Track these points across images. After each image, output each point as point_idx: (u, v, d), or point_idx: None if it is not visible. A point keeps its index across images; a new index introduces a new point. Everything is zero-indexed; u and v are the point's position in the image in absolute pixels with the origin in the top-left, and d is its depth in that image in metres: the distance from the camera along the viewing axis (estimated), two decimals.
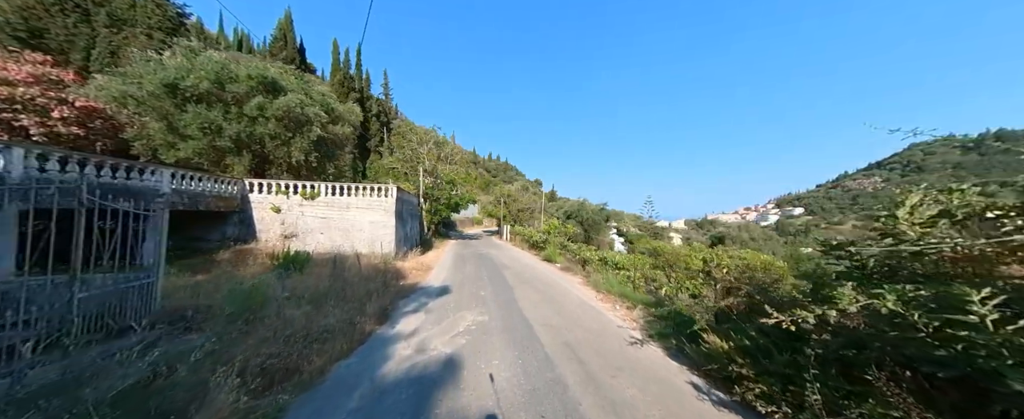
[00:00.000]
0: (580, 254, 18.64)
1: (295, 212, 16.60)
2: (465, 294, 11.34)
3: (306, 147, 17.14)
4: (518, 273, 16.06)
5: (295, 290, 8.71)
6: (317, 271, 12.03)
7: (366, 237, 17.65)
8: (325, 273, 11.55)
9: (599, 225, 42.18)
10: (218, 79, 14.65)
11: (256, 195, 16.03)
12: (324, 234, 17.02)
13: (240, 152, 16.05)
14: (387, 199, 18.16)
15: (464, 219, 69.39)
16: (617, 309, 9.63)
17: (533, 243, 29.47)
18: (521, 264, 19.54)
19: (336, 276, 10.88)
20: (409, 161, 37.30)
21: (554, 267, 18.81)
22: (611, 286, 11.83)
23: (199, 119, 13.93)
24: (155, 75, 13.51)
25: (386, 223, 18.05)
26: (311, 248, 16.55)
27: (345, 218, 17.40)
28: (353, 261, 13.15)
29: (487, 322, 8.10)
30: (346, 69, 54.30)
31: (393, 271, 14.17)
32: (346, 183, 17.60)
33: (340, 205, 17.33)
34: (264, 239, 15.95)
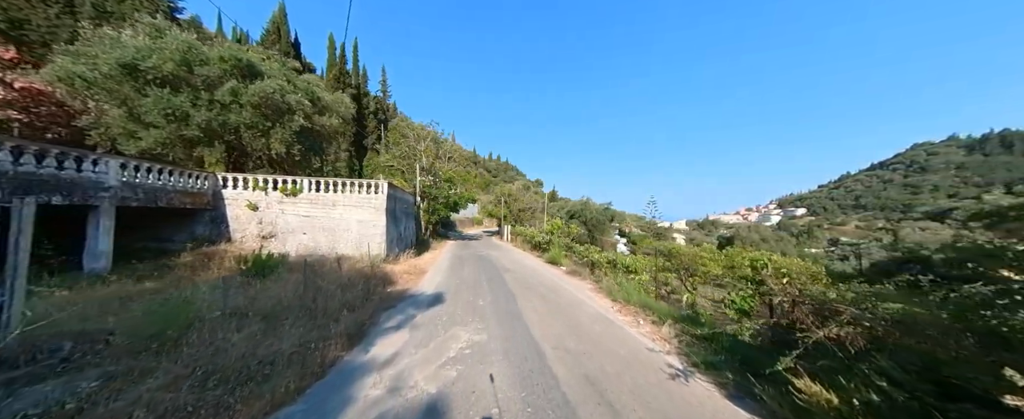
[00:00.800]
0: (588, 256, 17.08)
1: (274, 210, 15.02)
2: (460, 304, 9.77)
3: (288, 138, 15.56)
4: (521, 277, 14.49)
5: (251, 304, 7.12)
6: (293, 277, 10.46)
7: (354, 238, 16.07)
8: (299, 279, 9.99)
9: (603, 225, 40.59)
10: (185, 60, 13.08)
11: (230, 191, 14.45)
12: (307, 234, 15.44)
13: (212, 143, 14.46)
14: (377, 196, 16.59)
15: (464, 219, 67.82)
16: (641, 324, 8.04)
17: (536, 244, 27.88)
18: (524, 267, 17.96)
19: (309, 283, 9.30)
20: (406, 158, 35.73)
21: (559, 270, 17.23)
22: (629, 295, 10.24)
23: (161, 104, 12.35)
24: (111, 54, 11.94)
25: (376, 222, 16.47)
26: (292, 250, 14.97)
27: (330, 217, 15.82)
28: (333, 265, 11.57)
29: (485, 343, 6.52)
30: (342, 64, 52.75)
31: (380, 276, 12.60)
32: (332, 178, 16.02)
33: (325, 202, 15.76)
34: (239, 240, 14.37)
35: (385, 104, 69.89)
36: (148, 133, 12.69)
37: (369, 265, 13.57)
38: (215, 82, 13.84)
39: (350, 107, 20.83)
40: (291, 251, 14.97)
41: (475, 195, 37.97)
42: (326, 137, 19.18)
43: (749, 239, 39.18)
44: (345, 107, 19.96)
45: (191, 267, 10.54)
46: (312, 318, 7.18)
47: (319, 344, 5.77)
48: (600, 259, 17.07)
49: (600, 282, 13.42)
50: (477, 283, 13.07)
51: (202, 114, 13.18)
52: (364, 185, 16.53)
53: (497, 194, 50.63)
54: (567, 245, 21.55)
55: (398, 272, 14.39)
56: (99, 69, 11.82)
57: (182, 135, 13.31)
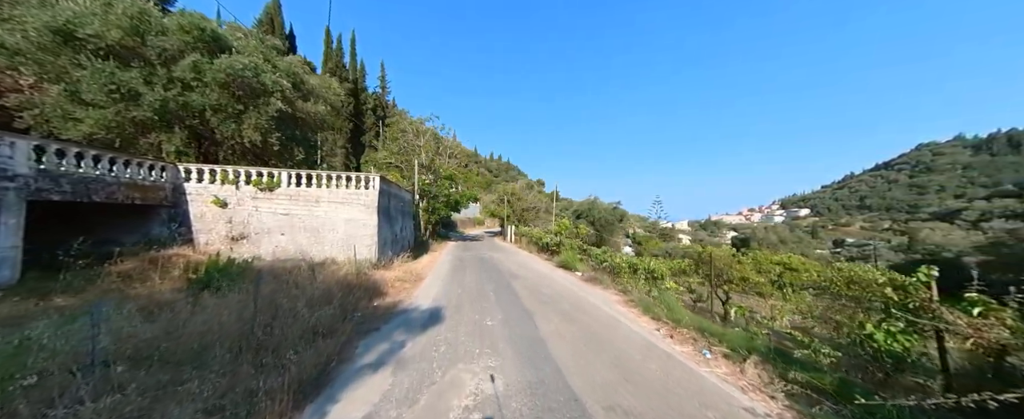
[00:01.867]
0: (609, 260, 14.98)
1: (247, 207, 12.93)
2: (464, 325, 7.69)
3: (263, 124, 13.49)
4: (533, 286, 12.40)
5: (164, 337, 5.01)
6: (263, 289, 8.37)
7: (340, 238, 13.99)
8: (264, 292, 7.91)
9: (612, 225, 38.49)
10: (136, 29, 11.03)
11: (194, 185, 12.37)
12: (286, 235, 13.35)
13: (171, 128, 12.37)
14: (368, 192, 14.50)
15: (465, 219, 65.74)
16: (711, 359, 5.94)
17: (543, 246, 25.77)
18: (534, 272, 15.87)
19: (267, 300, 7.21)
20: (404, 154, 33.64)
21: (575, 277, 15.14)
22: (674, 312, 8.15)
23: (102, 79, 10.27)
24: (40, 17, 9.88)
25: (366, 221, 14.39)
26: (267, 253, 12.89)
27: (313, 215, 13.74)
28: (306, 273, 9.50)
29: (502, 397, 4.44)
30: (338, 57, 50.70)
31: (367, 286, 10.51)
32: (315, 171, 13.93)
33: (307, 198, 13.67)
34: (204, 242, 12.28)
35: (384, 100, 67.84)
36: (87, 114, 10.62)
37: (355, 271, 11.48)
38: (174, 56, 11.79)
39: (339, 94, 18.76)
40: (266, 254, 12.88)
41: (477, 194, 35.91)
42: (312, 126, 17.11)
43: (766, 240, 37.03)
44: (334, 93, 17.89)
45: (127, 277, 8.44)
46: (257, 356, 5.10)
47: (244, 409, 3.68)
48: (621, 264, 14.99)
49: (628, 293, 11.33)
50: (482, 294, 10.98)
51: (156, 93, 11.11)
52: (353, 179, 14.44)
53: (500, 193, 48.57)
54: (580, 247, 19.44)
55: (390, 280, 12.31)
56: (28, 35, 9.79)
57: (132, 117, 11.23)
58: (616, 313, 8.97)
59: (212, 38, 12.69)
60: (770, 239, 36.77)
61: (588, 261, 17.16)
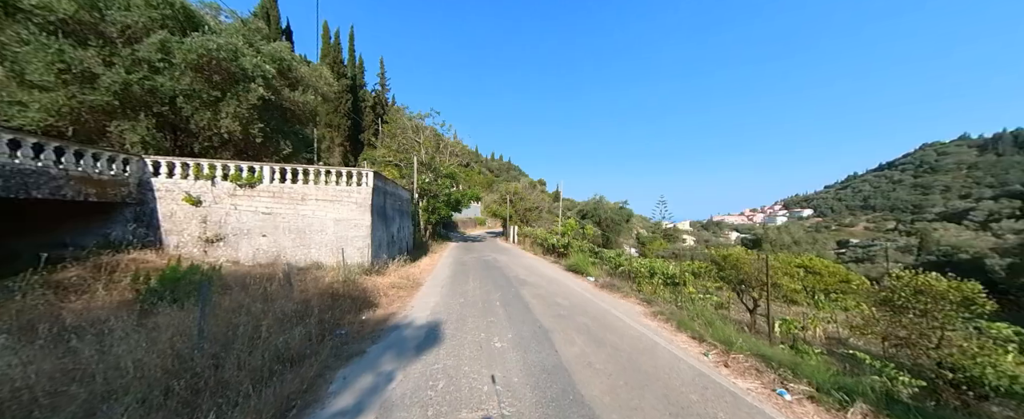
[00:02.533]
0: (625, 264, 13.61)
1: (224, 205, 11.58)
2: (467, 347, 6.33)
3: (243, 113, 12.13)
4: (545, 294, 11.04)
5: (64, 378, 3.66)
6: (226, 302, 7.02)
7: (329, 240, 12.64)
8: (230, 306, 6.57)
9: (619, 225, 37.09)
10: (93, 2, 9.68)
11: (164, 180, 11.02)
12: (268, 237, 12.00)
13: (136, 115, 11.01)
14: (361, 189, 13.15)
15: (466, 220, 64.39)
16: (793, 402, 4.55)
17: (549, 247, 24.41)
18: (543, 277, 14.51)
19: (230, 317, 5.86)
20: (403, 152, 32.29)
21: (588, 283, 13.77)
22: (720, 332, 6.77)
23: (48, 56, 8.94)
24: None
25: (358, 221, 13.03)
26: (246, 256, 11.54)
27: (300, 214, 12.38)
28: (281, 282, 8.16)
29: None
30: (336, 53, 49.37)
31: (355, 295, 9.16)
32: (301, 165, 12.57)
33: (292, 196, 12.32)
34: (174, 244, 10.93)
35: (383, 98, 66.51)
36: (33, 97, 9.28)
37: (343, 278, 10.11)
38: (139, 33, 10.47)
39: (332, 84, 17.40)
40: (245, 258, 11.54)
41: (479, 193, 34.57)
42: (301, 117, 15.73)
43: (779, 241, 35.58)
44: (325, 82, 16.52)
45: (63, 288, 7.07)
46: (193, 400, 3.75)
47: None
48: (639, 268, 13.62)
49: (653, 303, 9.95)
50: (488, 305, 9.62)
51: (116, 75, 9.76)
52: (344, 175, 13.08)
53: (502, 192, 47.21)
54: (592, 249, 18.06)
55: (383, 287, 10.95)
56: None
57: (88, 103, 9.89)
58: (646, 329, 7.59)
59: (184, 15, 11.35)
60: (783, 240, 35.33)
61: (601, 265, 15.78)
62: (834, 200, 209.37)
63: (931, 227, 68.09)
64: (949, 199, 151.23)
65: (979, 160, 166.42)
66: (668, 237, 57.10)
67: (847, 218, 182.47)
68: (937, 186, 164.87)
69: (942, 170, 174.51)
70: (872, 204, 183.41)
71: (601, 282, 13.07)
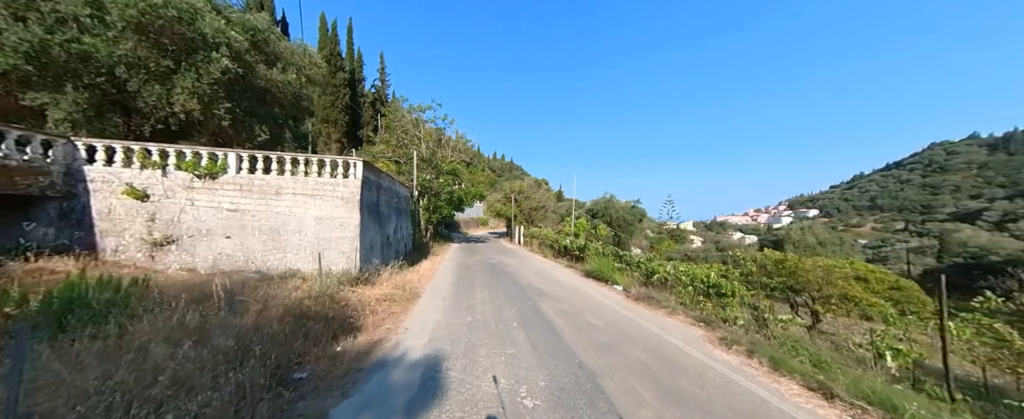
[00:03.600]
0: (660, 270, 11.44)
1: (178, 200, 9.48)
2: (483, 402, 4.21)
3: (203, 89, 10.03)
4: (572, 311, 8.91)
5: None
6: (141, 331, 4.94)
7: (309, 243, 10.53)
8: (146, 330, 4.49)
9: (632, 226, 34.89)
10: None
11: (100, 168, 8.94)
12: (233, 238, 9.90)
13: (59, 86, 8.88)
14: (347, 181, 11.04)
15: (468, 220, 62.31)
16: None
17: (561, 249, 22.26)
18: (562, 286, 12.39)
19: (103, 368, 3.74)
20: (403, 147, 30.20)
21: (616, 293, 11.65)
22: (877, 394, 4.59)
23: None
24: None
25: (344, 220, 10.93)
26: (205, 262, 9.45)
27: (273, 212, 10.28)
28: (219, 302, 6.04)
29: None
30: (333, 45, 47.29)
31: (331, 315, 7.04)
32: (276, 153, 10.47)
33: (264, 189, 10.22)
34: (112, 248, 8.85)
35: (383, 94, 64.44)
36: None
37: (319, 291, 7.99)
38: None
39: (320, 64, 15.30)
40: (203, 264, 9.44)
41: (482, 190, 32.51)
42: (281, 100, 13.61)
43: (803, 242, 33.26)
44: (310, 61, 14.38)
45: None
46: None
47: None
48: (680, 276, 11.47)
49: (711, 325, 7.80)
50: (503, 326, 7.50)
51: (28, 33, 7.69)
52: (327, 164, 10.98)
53: (506, 191, 45.06)
54: (614, 252, 15.90)
55: (372, 300, 8.85)
56: None
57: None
58: (730, 370, 5.44)
59: None
60: (806, 241, 33.04)
61: (628, 271, 13.62)
62: (840, 200, 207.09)
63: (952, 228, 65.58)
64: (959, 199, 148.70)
65: (990, 159, 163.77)
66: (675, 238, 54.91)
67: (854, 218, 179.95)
68: (947, 186, 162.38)
69: (952, 170, 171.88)
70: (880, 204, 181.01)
71: (635, 294, 10.90)
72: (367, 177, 12.04)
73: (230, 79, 10.57)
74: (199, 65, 9.85)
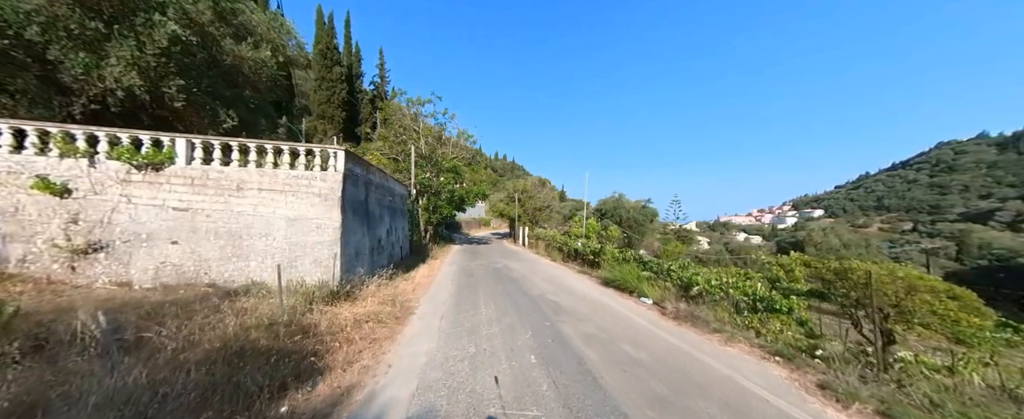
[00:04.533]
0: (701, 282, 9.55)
1: (110, 196, 7.63)
2: None
3: (147, 61, 8.17)
4: (601, 335, 7.02)
5: None
6: None
7: (279, 249, 8.66)
8: None
9: (644, 226, 32.97)
10: None
11: (4, 155, 7.09)
12: (182, 244, 8.04)
13: None
14: (326, 175, 9.18)
15: (470, 220, 60.52)
16: None
17: (571, 252, 20.39)
18: (581, 298, 10.51)
19: None
20: (400, 140, 28.37)
21: (645, 308, 9.77)
22: None
23: None
24: None
25: (322, 221, 9.06)
26: (145, 274, 7.59)
27: (233, 211, 8.42)
28: (102, 343, 4.16)
29: None
30: (330, 39, 45.46)
31: (286, 352, 5.17)
32: (236, 140, 8.59)
33: (222, 184, 8.36)
34: (20, 257, 7.00)
35: (383, 91, 62.62)
36: None
37: (271, 317, 6.11)
38: None
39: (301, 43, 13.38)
40: (142, 277, 7.58)
41: (485, 189, 30.71)
42: (255, 82, 11.73)
43: (826, 243, 31.31)
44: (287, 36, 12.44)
45: None
46: None
47: None
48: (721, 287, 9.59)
49: (794, 362, 5.90)
50: (518, 364, 5.61)
51: None
52: (301, 153, 9.11)
53: (509, 191, 43.23)
54: (638, 258, 13.98)
55: (349, 323, 6.99)
56: None
57: None
58: None
59: None
60: (829, 242, 31.10)
61: (656, 281, 11.71)
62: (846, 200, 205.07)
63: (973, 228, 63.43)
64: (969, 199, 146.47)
65: (999, 159, 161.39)
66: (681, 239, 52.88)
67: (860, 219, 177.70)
68: (955, 186, 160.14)
69: (960, 169, 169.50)
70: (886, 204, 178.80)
71: (671, 310, 8.99)
72: (351, 170, 10.17)
73: (186, 52, 8.71)
74: (140, 30, 8.02)
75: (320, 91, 44.51)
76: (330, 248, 9.07)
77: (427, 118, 28.67)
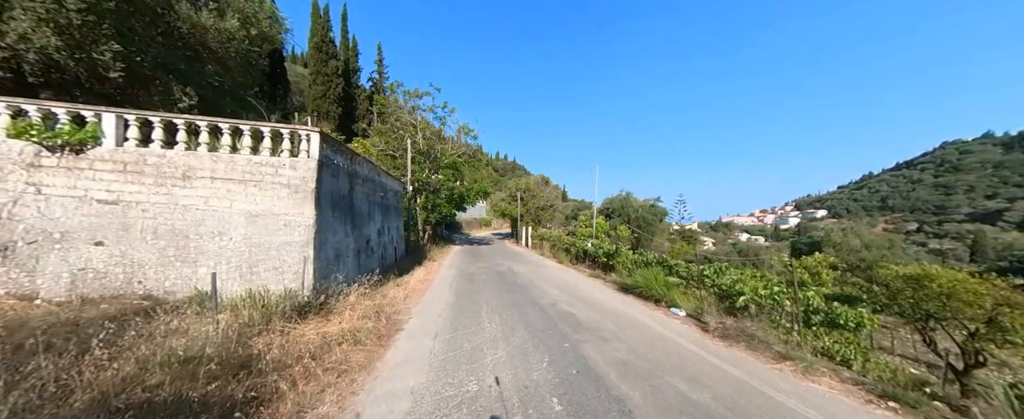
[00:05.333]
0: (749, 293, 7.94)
1: (12, 186, 6.04)
2: None
3: (68, 18, 6.56)
4: (645, 368, 5.40)
5: None
6: None
7: (236, 251, 7.06)
8: None
9: (653, 226, 31.35)
10: None
11: None
12: (109, 245, 6.44)
13: None
14: (297, 162, 7.58)
15: (470, 220, 58.95)
16: None
17: (579, 254, 18.78)
18: (602, 310, 8.88)
19: None
20: (396, 134, 26.80)
21: (678, 320, 8.17)
22: None
23: None
24: None
25: (292, 218, 7.45)
26: (58, 285, 5.98)
27: (178, 204, 6.82)
28: None
29: None
30: (325, 31, 43.85)
31: (207, 403, 3.54)
32: (182, 116, 6.99)
33: (163, 170, 6.76)
34: None
35: (381, 86, 61.00)
36: None
37: (179, 355, 4.50)
38: None
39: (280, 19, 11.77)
40: (51, 287, 5.97)
41: (486, 187, 29.14)
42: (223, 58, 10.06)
43: (846, 244, 29.64)
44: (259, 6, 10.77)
45: None
46: None
47: None
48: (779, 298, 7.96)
49: (902, 402, 4.28)
50: (537, 411, 3.98)
51: None
52: (266, 135, 7.51)
53: (511, 189, 41.64)
54: (662, 261, 12.35)
55: (313, 348, 5.39)
56: None
57: None
58: None
59: None
60: (850, 243, 29.45)
61: (686, 288, 10.09)
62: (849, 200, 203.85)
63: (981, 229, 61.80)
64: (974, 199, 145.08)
65: (1006, 158, 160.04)
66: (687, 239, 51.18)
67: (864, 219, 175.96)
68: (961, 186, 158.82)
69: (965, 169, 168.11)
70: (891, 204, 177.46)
71: (715, 327, 7.36)
72: (329, 158, 8.56)
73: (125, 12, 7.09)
74: None
75: (315, 85, 42.89)
76: (301, 250, 7.45)
77: (425, 112, 27.10)
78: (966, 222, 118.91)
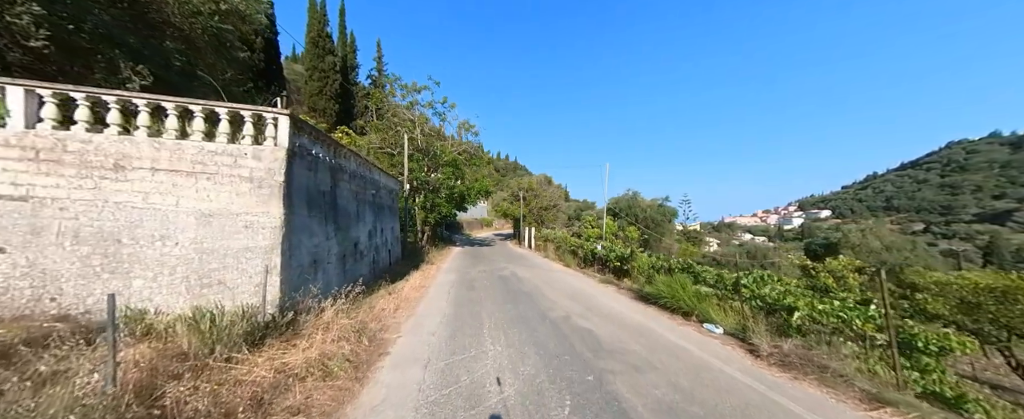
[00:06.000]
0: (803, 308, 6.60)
1: None
2: None
3: None
4: (697, 415, 4.05)
5: None
6: None
7: (183, 258, 5.74)
8: None
9: (662, 227, 29.98)
10: None
11: None
12: (12, 252, 5.14)
13: None
14: (262, 150, 6.26)
15: (471, 220, 57.59)
16: None
17: (587, 256, 17.41)
18: (624, 328, 7.53)
19: None
20: (393, 131, 25.50)
21: (717, 341, 6.85)
22: None
23: None
24: None
25: (255, 219, 6.12)
26: None
27: (109, 201, 5.50)
28: None
29: None
30: (322, 26, 42.57)
31: None
32: (114, 92, 5.67)
33: (89, 159, 5.45)
34: None
35: (381, 83, 59.76)
36: None
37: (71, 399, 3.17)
38: None
39: None
40: None
41: (488, 186, 27.85)
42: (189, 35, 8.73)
43: (864, 246, 28.22)
44: None
45: None
46: None
47: None
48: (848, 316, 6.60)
49: None
50: None
51: None
52: (223, 118, 6.18)
53: (513, 189, 40.30)
54: (686, 267, 10.99)
55: (260, 387, 4.04)
56: None
57: None
58: None
59: None
60: (869, 244, 28.06)
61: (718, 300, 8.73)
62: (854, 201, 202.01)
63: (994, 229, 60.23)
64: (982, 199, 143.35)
65: (1013, 158, 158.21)
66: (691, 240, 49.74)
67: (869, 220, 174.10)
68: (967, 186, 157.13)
69: (972, 169, 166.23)
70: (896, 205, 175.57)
71: (768, 351, 6.00)
72: (304, 147, 7.23)
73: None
74: None
75: (311, 81, 41.68)
76: (264, 256, 6.13)
77: (424, 108, 25.77)
78: (974, 222, 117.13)
